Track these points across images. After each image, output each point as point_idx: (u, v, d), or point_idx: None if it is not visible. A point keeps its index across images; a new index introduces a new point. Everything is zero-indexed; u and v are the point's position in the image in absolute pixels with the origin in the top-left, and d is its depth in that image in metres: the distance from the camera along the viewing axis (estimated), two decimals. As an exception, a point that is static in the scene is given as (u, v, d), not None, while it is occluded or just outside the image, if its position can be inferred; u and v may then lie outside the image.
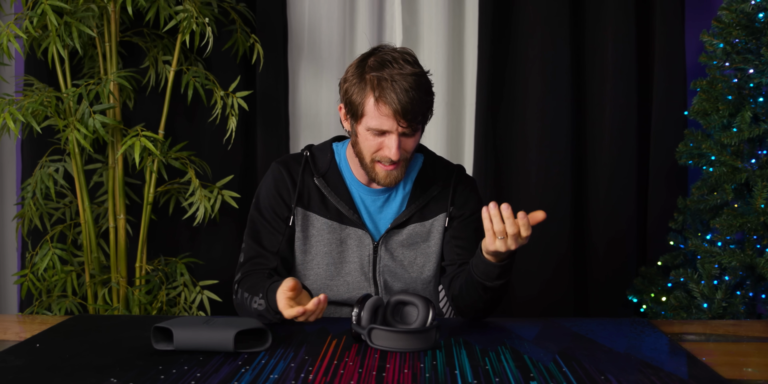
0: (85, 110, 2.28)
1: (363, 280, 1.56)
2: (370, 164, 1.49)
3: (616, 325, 1.48)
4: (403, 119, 1.41)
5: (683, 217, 2.36)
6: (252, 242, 1.56)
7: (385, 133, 1.44)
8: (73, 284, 2.44)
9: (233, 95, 2.43)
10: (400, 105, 1.39)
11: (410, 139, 1.47)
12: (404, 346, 1.26)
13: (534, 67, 2.61)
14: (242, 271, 1.54)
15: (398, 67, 1.42)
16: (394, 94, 1.39)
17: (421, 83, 1.43)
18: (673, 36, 2.56)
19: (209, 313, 2.49)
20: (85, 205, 2.40)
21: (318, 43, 2.67)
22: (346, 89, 1.47)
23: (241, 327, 1.26)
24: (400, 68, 1.42)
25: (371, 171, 1.49)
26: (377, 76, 1.41)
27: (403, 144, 1.45)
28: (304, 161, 1.58)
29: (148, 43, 2.51)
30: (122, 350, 1.28)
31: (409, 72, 1.42)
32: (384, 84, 1.40)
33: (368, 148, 1.47)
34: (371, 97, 1.42)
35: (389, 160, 1.46)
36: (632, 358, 1.23)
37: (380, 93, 1.40)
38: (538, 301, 2.63)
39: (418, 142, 1.51)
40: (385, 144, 1.45)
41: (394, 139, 1.44)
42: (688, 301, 2.19)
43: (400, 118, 1.41)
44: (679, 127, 2.54)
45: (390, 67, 1.42)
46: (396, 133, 1.43)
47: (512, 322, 1.51)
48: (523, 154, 2.64)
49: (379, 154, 1.46)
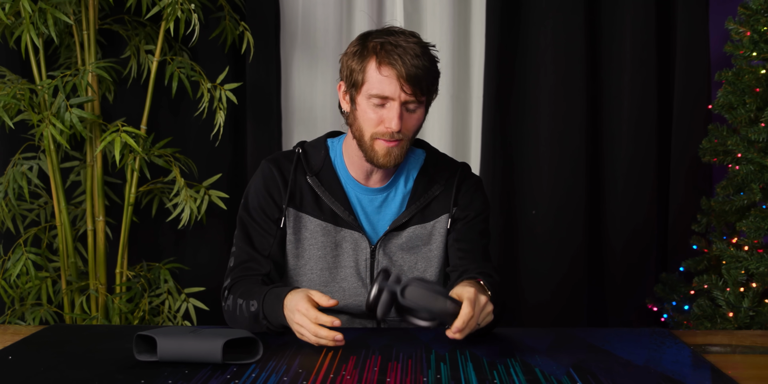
0: (62, 104, 2.28)
1: (360, 287, 1.56)
2: (369, 142, 1.49)
3: (635, 335, 1.48)
4: (408, 84, 1.43)
5: (707, 219, 2.36)
6: (242, 245, 1.56)
7: (387, 102, 1.46)
8: (49, 291, 2.44)
9: (221, 87, 2.43)
10: (404, 67, 1.42)
11: (413, 115, 1.48)
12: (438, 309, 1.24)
13: (546, 56, 2.61)
14: (232, 276, 1.54)
15: (403, 37, 1.46)
16: (398, 56, 1.43)
17: (427, 52, 1.47)
18: (696, 23, 2.56)
19: (195, 322, 2.48)
20: (61, 206, 2.40)
21: (313, 31, 2.67)
22: (346, 61, 1.50)
23: (230, 336, 1.26)
24: (405, 38, 1.46)
25: (370, 150, 1.49)
26: (381, 41, 1.45)
27: (405, 119, 1.46)
28: (296, 159, 1.58)
29: (129, 31, 2.51)
30: (101, 362, 1.27)
31: (415, 41, 1.47)
32: (388, 47, 1.44)
33: (368, 121, 1.47)
34: (373, 61, 1.45)
35: (390, 135, 1.46)
36: (652, 372, 1.23)
37: (384, 55, 1.44)
38: (550, 308, 2.64)
39: (421, 122, 1.52)
40: (386, 116, 1.46)
41: (396, 108, 1.45)
42: (713, 309, 2.19)
43: (404, 82, 1.43)
44: (702, 122, 2.54)
45: (395, 35, 1.46)
46: (399, 100, 1.45)
47: (522, 332, 1.51)
48: (534, 151, 2.64)
49: (379, 128, 1.47)
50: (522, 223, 2.67)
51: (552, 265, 2.63)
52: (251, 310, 1.43)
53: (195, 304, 2.48)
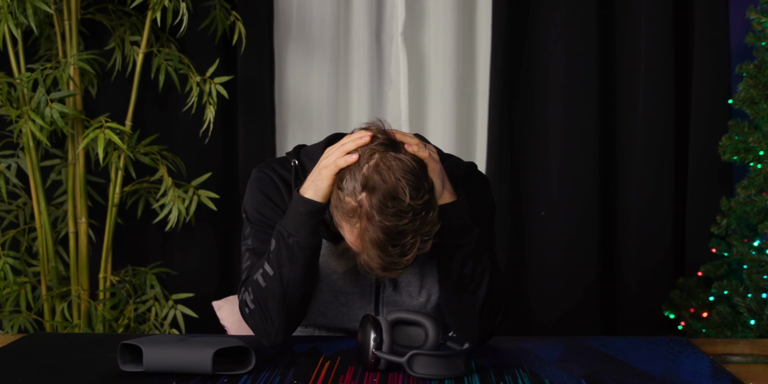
0: (42, 98, 2.28)
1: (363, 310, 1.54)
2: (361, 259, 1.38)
3: (651, 344, 1.48)
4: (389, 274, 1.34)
5: (727, 221, 2.36)
6: (252, 256, 1.52)
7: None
8: (28, 298, 2.44)
9: (211, 81, 2.43)
10: (373, 267, 1.31)
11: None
12: (452, 373, 1.25)
13: (556, 48, 2.61)
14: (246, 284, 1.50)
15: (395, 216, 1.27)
16: (382, 248, 1.28)
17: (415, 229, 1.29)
18: (715, 13, 2.55)
19: (184, 331, 2.49)
20: (41, 207, 2.40)
21: (309, 20, 2.67)
22: (337, 191, 1.33)
23: (221, 346, 1.26)
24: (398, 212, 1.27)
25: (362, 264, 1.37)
26: (370, 223, 1.28)
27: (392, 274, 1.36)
28: (294, 172, 1.54)
29: (113, 21, 2.51)
30: (84, 373, 1.27)
31: (407, 220, 1.27)
32: (374, 237, 1.28)
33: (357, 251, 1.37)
34: (355, 230, 1.31)
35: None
36: (669, 383, 1.23)
37: (369, 245, 1.29)
38: (559, 315, 2.63)
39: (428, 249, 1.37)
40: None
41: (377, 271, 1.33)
42: (733, 317, 2.19)
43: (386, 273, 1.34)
44: (722, 117, 2.53)
45: (386, 213, 1.27)
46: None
47: (531, 341, 1.51)
48: (544, 149, 2.64)
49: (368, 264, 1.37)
50: (530, 225, 2.67)
51: (562, 270, 2.63)
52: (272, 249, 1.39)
53: (183, 311, 2.48)
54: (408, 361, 1.24)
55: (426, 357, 1.25)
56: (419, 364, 1.25)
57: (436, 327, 1.31)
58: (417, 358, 1.25)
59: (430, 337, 1.31)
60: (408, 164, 1.30)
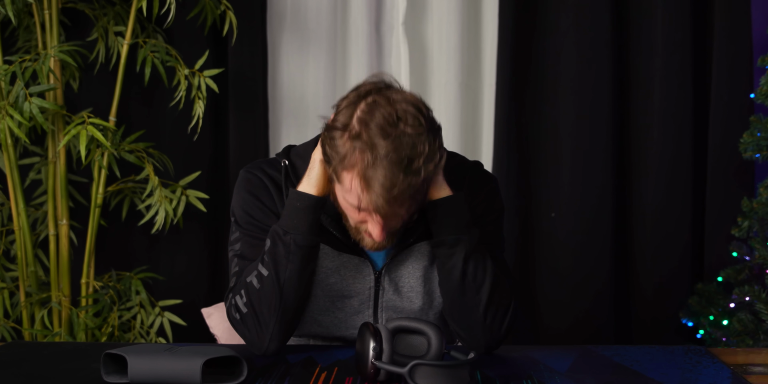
0: (20, 92, 2.28)
1: (362, 317, 1.54)
2: (354, 230, 1.43)
3: (667, 354, 1.48)
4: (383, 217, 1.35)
5: (749, 223, 2.36)
6: (241, 262, 1.51)
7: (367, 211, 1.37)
8: (5, 304, 2.44)
9: (200, 74, 2.43)
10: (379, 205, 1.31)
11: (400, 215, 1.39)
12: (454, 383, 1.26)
13: (567, 39, 2.61)
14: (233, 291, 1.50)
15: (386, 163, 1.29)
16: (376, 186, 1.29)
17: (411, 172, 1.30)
18: (736, 1, 2.56)
19: (171, 339, 2.49)
20: (19, 208, 2.41)
21: (303, 10, 2.67)
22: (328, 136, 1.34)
23: (210, 355, 1.27)
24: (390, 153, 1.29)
25: (355, 235, 1.44)
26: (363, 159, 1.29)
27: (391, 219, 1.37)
28: (285, 173, 1.53)
29: (96, 10, 2.51)
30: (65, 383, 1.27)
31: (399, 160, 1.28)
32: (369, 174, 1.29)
33: (350, 217, 1.41)
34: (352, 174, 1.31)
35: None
36: (687, 395, 1.24)
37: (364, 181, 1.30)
38: (571, 323, 2.64)
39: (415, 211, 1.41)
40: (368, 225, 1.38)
41: (378, 221, 1.36)
42: (755, 324, 2.19)
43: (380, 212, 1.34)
44: (743, 112, 2.54)
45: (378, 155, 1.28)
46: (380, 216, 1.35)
47: (540, 350, 1.51)
48: (554, 146, 2.65)
49: (364, 225, 1.40)
50: (540, 227, 2.68)
51: (573, 274, 2.63)
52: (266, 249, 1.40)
53: (170, 318, 2.48)
54: (409, 371, 1.24)
55: (428, 367, 1.25)
56: (421, 374, 1.25)
57: (439, 335, 1.31)
58: (419, 369, 1.25)
59: (433, 346, 1.31)
60: (409, 96, 1.31)
